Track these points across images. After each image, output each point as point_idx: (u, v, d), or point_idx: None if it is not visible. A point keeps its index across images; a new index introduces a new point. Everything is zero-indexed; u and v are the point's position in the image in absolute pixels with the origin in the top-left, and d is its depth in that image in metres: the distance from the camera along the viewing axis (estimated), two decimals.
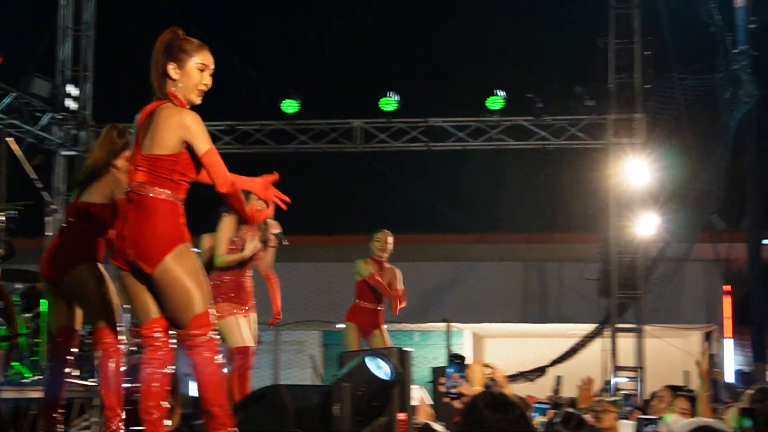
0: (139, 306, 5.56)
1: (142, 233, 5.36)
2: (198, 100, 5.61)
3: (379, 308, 11.18)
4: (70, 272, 6.82)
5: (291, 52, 20.54)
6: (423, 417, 6.54)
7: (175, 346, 5.64)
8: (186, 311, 5.39)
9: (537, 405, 5.48)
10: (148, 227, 5.36)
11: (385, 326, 11.29)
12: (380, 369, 6.35)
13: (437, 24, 20.28)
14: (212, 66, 5.65)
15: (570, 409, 5.82)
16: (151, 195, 5.36)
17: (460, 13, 20.07)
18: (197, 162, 5.43)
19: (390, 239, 11.25)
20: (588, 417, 5.73)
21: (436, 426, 6.41)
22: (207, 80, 5.62)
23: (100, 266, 6.91)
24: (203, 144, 5.37)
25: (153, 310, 5.54)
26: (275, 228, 8.63)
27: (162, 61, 5.51)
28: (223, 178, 5.39)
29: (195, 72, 5.58)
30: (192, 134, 5.36)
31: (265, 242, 8.65)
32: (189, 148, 5.39)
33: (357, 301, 11.21)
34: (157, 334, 5.55)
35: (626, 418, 8.08)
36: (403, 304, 11.12)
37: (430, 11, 20.02)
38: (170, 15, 16.11)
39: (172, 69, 5.51)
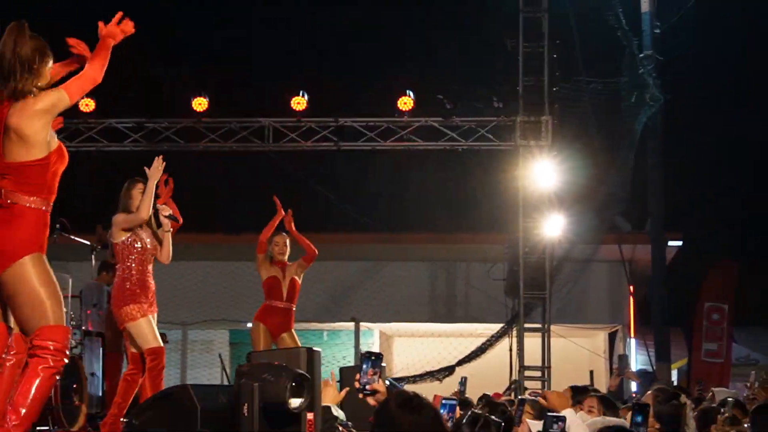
0: None
1: (1, 235, 5.30)
2: None
3: (291, 307, 11.14)
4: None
5: (202, 50, 20.41)
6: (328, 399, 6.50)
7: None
8: (36, 319, 5.32)
9: (444, 401, 5.49)
10: (9, 230, 5.30)
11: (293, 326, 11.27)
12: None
13: (348, 23, 20.31)
14: None
15: (477, 410, 5.86)
16: (19, 203, 5.32)
17: (373, 13, 20.12)
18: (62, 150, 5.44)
19: (287, 241, 11.28)
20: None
21: (336, 411, 6.41)
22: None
23: None
24: (65, 96, 5.42)
25: None
26: (165, 211, 8.53)
27: (35, 61, 5.43)
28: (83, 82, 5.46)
29: (50, 71, 5.60)
30: (51, 101, 5.38)
31: (158, 228, 8.52)
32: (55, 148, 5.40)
33: (267, 300, 11.15)
34: None
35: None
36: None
37: (342, 11, 20.04)
38: (64, 11, 15.89)
39: (45, 72, 5.50)
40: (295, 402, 6.19)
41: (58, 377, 5.44)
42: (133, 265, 8.29)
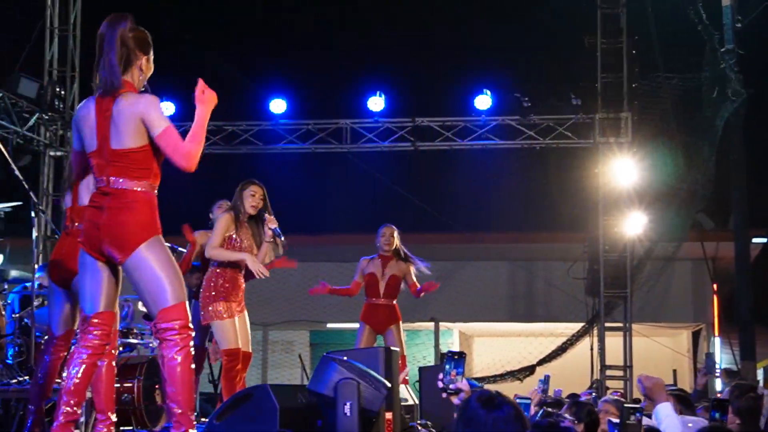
0: (88, 293, 5.59)
1: (117, 223, 5.39)
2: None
3: (391, 303, 11.10)
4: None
5: (279, 52, 20.52)
6: None
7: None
8: (157, 302, 5.41)
9: (518, 400, 5.46)
10: (124, 217, 5.39)
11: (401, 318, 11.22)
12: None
13: (424, 23, 20.29)
14: None
15: (550, 408, 5.81)
16: (128, 189, 5.40)
17: (448, 12, 20.08)
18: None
19: (395, 233, 11.22)
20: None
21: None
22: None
23: None
24: (158, 126, 5.40)
25: (101, 302, 5.58)
26: (272, 223, 8.52)
27: (135, 53, 5.53)
28: (180, 150, 5.44)
29: (152, 62, 5.70)
30: (148, 118, 5.40)
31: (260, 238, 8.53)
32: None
33: (366, 298, 11.15)
34: (95, 329, 5.57)
35: None
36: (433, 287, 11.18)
37: (417, 11, 20.03)
38: (156, 15, 16.12)
39: (145, 63, 5.60)
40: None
41: (192, 351, 5.51)
42: (227, 261, 8.29)
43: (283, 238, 8.51)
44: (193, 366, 5.52)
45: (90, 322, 5.57)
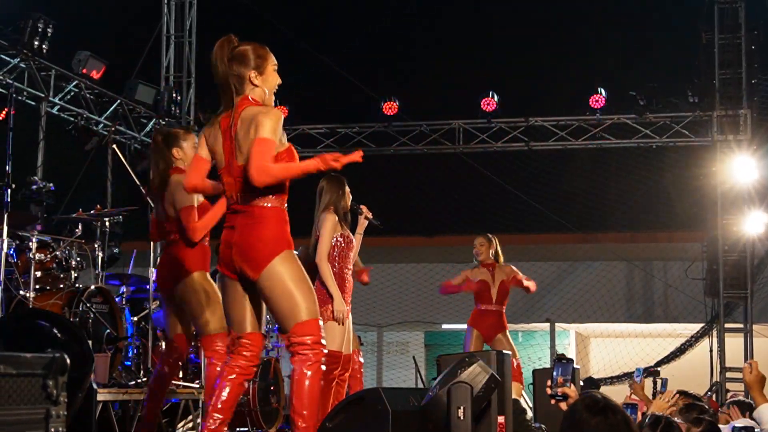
0: (235, 315, 5.62)
1: (249, 240, 5.39)
2: (273, 104, 5.64)
3: (501, 310, 11.11)
4: (180, 283, 7.01)
5: (390, 54, 20.59)
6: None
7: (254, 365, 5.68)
8: (290, 318, 5.41)
9: (624, 404, 5.37)
10: (255, 234, 5.39)
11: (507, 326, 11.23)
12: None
13: (537, 21, 20.16)
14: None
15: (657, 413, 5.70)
16: (257, 205, 5.39)
17: (561, 10, 19.92)
18: (293, 154, 5.49)
19: (483, 241, 11.21)
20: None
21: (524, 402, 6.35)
22: (279, 79, 5.67)
23: (207, 276, 7.08)
24: (260, 132, 5.32)
25: (248, 323, 5.61)
26: (369, 214, 8.51)
27: (238, 71, 5.50)
28: (259, 164, 5.26)
29: (273, 74, 5.64)
30: (258, 123, 5.34)
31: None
32: (285, 149, 5.42)
33: (477, 305, 11.17)
34: (244, 350, 5.61)
35: None
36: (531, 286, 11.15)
37: (529, 9, 19.91)
38: (268, 21, 16.29)
39: (254, 76, 5.53)
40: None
41: (323, 367, 5.53)
42: (337, 258, 8.27)
43: (378, 222, 8.55)
44: (321, 382, 5.53)
45: (240, 343, 5.61)
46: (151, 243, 8.84)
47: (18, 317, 7.97)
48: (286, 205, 5.53)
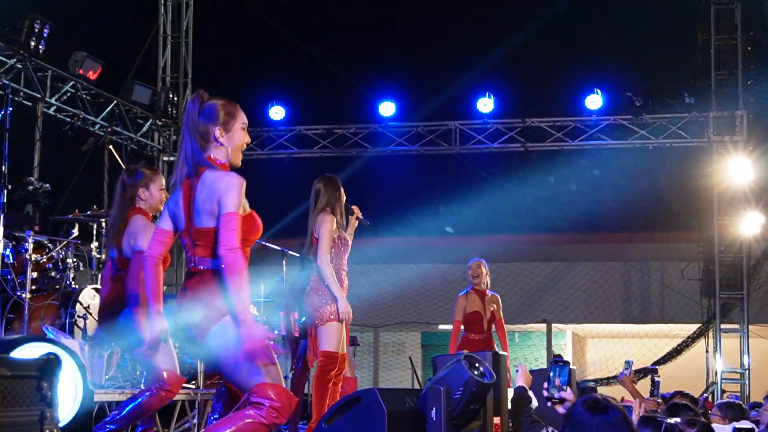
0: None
1: (196, 303, 5.22)
2: (240, 162, 5.46)
3: (489, 336, 11.12)
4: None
5: (387, 56, 20.60)
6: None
7: None
8: (244, 382, 5.20)
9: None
10: (203, 297, 5.22)
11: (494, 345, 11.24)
12: (477, 371, 6.32)
13: (533, 23, 20.16)
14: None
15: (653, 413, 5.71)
16: (210, 268, 5.24)
17: (557, 11, 19.92)
18: (255, 220, 5.34)
19: (482, 267, 11.16)
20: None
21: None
22: (248, 138, 5.49)
23: None
24: (226, 206, 5.16)
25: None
26: (359, 213, 8.53)
27: (204, 126, 5.34)
28: (228, 244, 5.12)
29: (240, 132, 5.44)
30: (223, 196, 5.17)
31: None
32: (247, 215, 5.26)
33: (466, 333, 11.14)
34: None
35: None
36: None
37: (526, 10, 19.91)
38: (265, 22, 16.30)
39: (219, 133, 5.34)
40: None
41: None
42: (333, 259, 8.14)
43: (368, 222, 8.58)
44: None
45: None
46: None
47: None
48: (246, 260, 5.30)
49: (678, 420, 5.45)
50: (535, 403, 6.35)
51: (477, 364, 6.40)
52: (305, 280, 8.48)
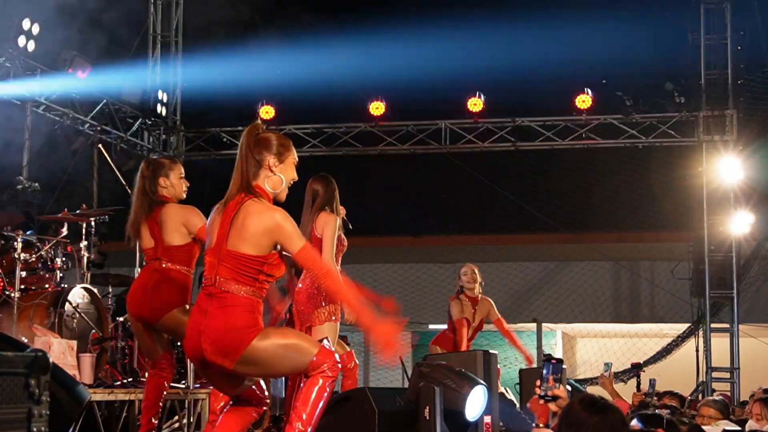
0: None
1: (219, 329, 5.20)
2: (284, 198, 5.51)
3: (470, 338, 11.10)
4: (166, 316, 6.95)
5: (376, 55, 20.56)
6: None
7: None
8: (300, 367, 5.35)
9: None
10: (226, 323, 5.21)
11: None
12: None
13: (523, 22, 20.15)
14: None
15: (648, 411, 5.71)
16: (231, 292, 5.23)
17: (547, 11, 19.92)
18: (283, 261, 5.36)
19: (476, 274, 11.10)
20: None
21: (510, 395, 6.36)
22: (296, 176, 5.57)
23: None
24: (296, 244, 5.25)
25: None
26: (343, 213, 8.52)
27: (259, 155, 5.40)
28: (320, 269, 5.35)
29: (292, 167, 5.53)
30: (284, 235, 5.24)
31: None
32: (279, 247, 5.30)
33: (450, 332, 11.07)
34: None
35: None
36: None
37: (516, 8, 19.90)
38: (254, 22, 16.27)
39: (273, 162, 5.41)
40: (472, 411, 6.16)
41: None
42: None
43: (350, 226, 8.59)
44: (326, 394, 5.41)
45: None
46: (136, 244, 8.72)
47: None
48: (264, 296, 5.36)
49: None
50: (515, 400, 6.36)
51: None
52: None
